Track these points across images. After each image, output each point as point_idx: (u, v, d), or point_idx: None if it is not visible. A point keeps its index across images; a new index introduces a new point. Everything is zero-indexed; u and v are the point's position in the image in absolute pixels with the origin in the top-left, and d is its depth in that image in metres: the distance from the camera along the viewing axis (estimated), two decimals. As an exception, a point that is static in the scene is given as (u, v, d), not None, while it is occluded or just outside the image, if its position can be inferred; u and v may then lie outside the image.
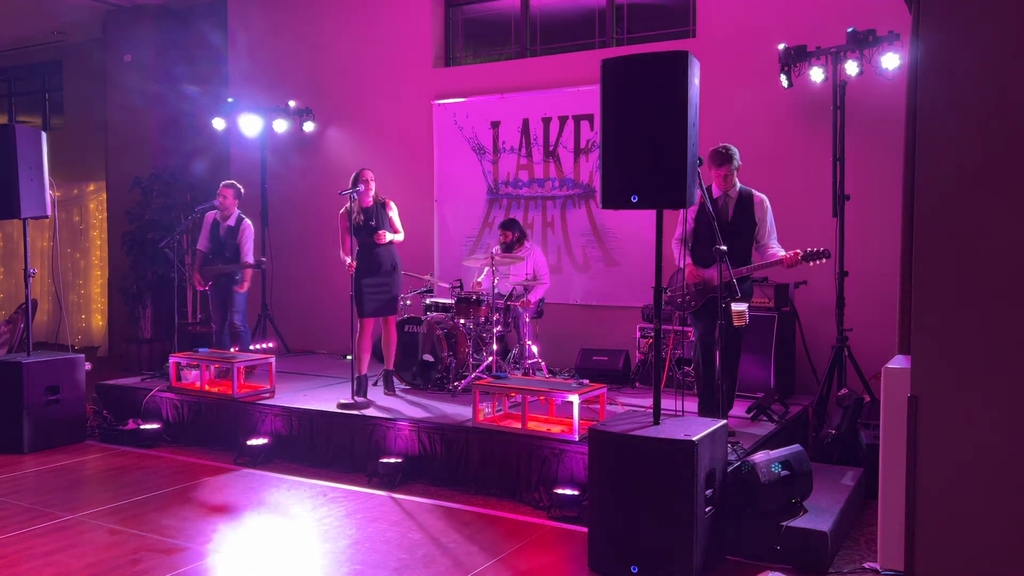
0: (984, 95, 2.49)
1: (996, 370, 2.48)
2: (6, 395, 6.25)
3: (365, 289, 6.23)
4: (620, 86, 3.96)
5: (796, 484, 4.25)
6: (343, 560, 4.16)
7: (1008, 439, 2.47)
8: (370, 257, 6.26)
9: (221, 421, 6.35)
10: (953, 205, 2.53)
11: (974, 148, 2.51)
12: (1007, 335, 2.46)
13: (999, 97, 2.47)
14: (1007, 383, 2.46)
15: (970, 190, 2.51)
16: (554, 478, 4.94)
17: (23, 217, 6.36)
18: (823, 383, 6.09)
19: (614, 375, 6.83)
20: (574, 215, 7.81)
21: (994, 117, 2.48)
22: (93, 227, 11.69)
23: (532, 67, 8.05)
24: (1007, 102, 2.46)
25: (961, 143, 2.52)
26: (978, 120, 2.50)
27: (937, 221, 2.55)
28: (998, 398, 2.48)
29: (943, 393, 2.55)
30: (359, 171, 6.25)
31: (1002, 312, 2.47)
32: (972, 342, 2.51)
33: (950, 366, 2.54)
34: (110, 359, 10.63)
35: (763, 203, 5.22)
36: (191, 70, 10.24)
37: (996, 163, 2.47)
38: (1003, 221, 2.46)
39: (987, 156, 2.49)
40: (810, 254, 5.11)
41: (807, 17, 6.68)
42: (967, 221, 2.51)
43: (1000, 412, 2.48)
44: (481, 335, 6.72)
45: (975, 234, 2.50)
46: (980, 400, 2.50)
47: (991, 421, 2.49)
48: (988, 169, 2.49)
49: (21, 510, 4.93)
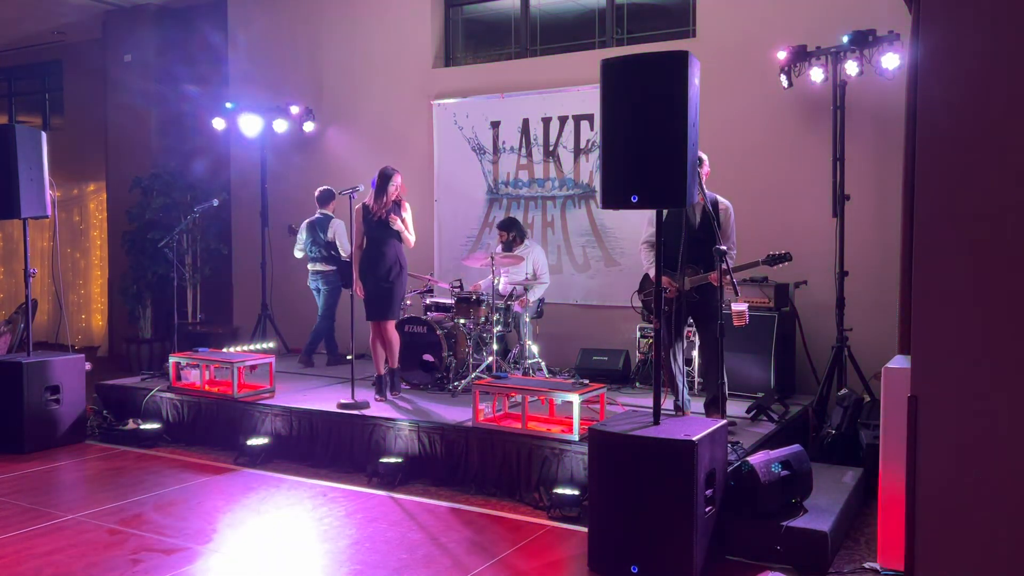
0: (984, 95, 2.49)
1: (996, 370, 2.48)
2: (6, 395, 6.25)
3: (367, 289, 6.22)
4: (620, 86, 3.95)
5: (796, 484, 4.25)
6: (343, 560, 4.16)
7: (1008, 439, 2.47)
8: (375, 255, 6.19)
9: (221, 421, 6.35)
10: (953, 204, 2.53)
11: (974, 148, 2.51)
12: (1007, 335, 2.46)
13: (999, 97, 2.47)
14: (1007, 383, 2.46)
15: (970, 189, 2.51)
16: (554, 478, 4.94)
17: (23, 217, 6.36)
18: (823, 383, 6.09)
19: (614, 375, 6.83)
20: (574, 215, 7.81)
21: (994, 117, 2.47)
22: (93, 227, 11.69)
23: (532, 67, 8.05)
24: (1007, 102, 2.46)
25: (961, 143, 2.52)
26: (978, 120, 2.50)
27: (937, 221, 2.55)
28: (998, 398, 2.48)
29: (943, 393, 2.55)
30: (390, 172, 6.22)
31: (1002, 312, 2.47)
32: (972, 342, 2.51)
33: (950, 366, 2.54)
34: (110, 359, 10.63)
35: (728, 210, 5.31)
36: (191, 70, 10.24)
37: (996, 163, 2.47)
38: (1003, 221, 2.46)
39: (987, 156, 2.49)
40: (772, 257, 5.14)
41: (807, 17, 6.67)
42: (967, 221, 2.51)
43: (1000, 412, 2.48)
44: (481, 335, 6.72)
45: (975, 234, 2.50)
46: (980, 400, 2.50)
47: (991, 421, 2.49)
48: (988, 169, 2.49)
49: (21, 510, 4.93)
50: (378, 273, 6.17)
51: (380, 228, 6.16)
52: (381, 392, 6.26)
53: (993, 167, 2.48)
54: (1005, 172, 2.46)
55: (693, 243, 5.13)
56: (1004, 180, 2.46)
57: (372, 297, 6.21)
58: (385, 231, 6.17)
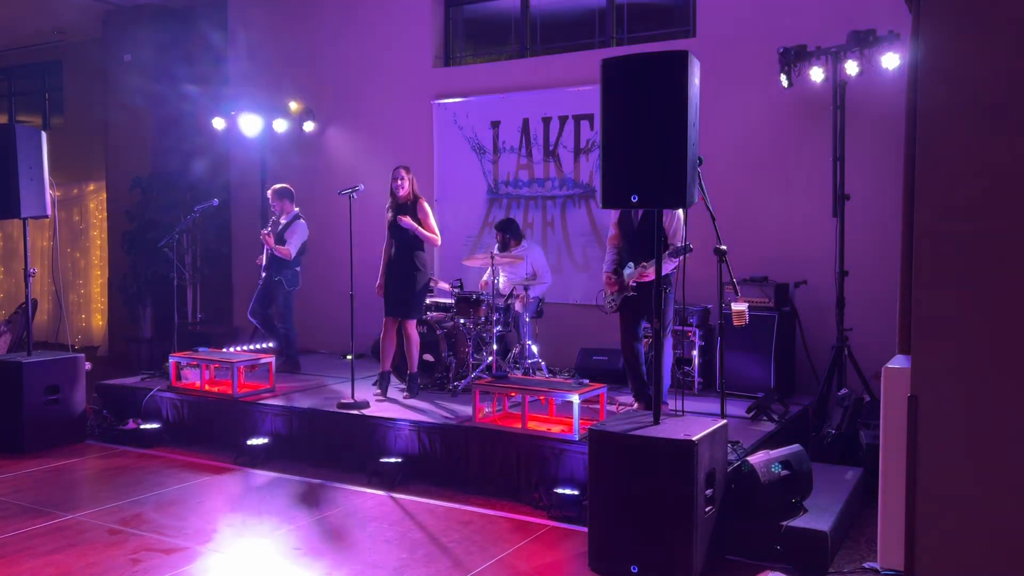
0: (984, 95, 2.49)
1: (996, 370, 2.48)
2: (6, 395, 6.25)
3: (387, 287, 6.30)
4: (620, 86, 3.96)
5: (796, 484, 4.25)
6: (343, 560, 4.16)
7: (1008, 439, 2.47)
8: (392, 255, 6.31)
9: (221, 421, 6.34)
10: (953, 204, 2.53)
11: (974, 148, 2.51)
12: (1007, 335, 2.46)
13: (999, 97, 2.47)
14: (1007, 383, 2.46)
15: (970, 189, 2.51)
16: (554, 478, 4.94)
17: (23, 217, 6.37)
18: (823, 383, 6.09)
19: (614, 375, 6.83)
20: (574, 215, 7.81)
21: (994, 117, 2.47)
22: (93, 227, 11.69)
23: (532, 67, 8.05)
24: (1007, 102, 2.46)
25: (961, 143, 2.52)
26: (978, 120, 2.50)
27: (937, 221, 2.55)
28: (998, 398, 2.48)
29: (943, 393, 2.55)
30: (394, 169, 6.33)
31: (1002, 312, 2.47)
32: (972, 342, 2.51)
33: (950, 366, 2.54)
34: (110, 359, 10.62)
35: (673, 213, 5.35)
36: (191, 70, 10.24)
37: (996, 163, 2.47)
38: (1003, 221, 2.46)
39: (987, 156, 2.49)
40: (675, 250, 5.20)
41: (807, 17, 6.67)
42: (967, 221, 2.51)
43: (1000, 411, 2.48)
44: (481, 335, 6.72)
45: (975, 234, 2.50)
46: (980, 400, 2.50)
47: (991, 421, 2.49)
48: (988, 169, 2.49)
49: (21, 510, 4.93)
50: (392, 272, 6.29)
51: (391, 228, 6.29)
52: (383, 388, 6.27)
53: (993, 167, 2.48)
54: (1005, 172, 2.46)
55: (635, 240, 5.42)
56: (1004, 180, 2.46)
57: (390, 295, 6.30)
58: (395, 230, 6.24)
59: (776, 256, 6.71)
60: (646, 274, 5.28)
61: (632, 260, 5.46)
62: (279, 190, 7.64)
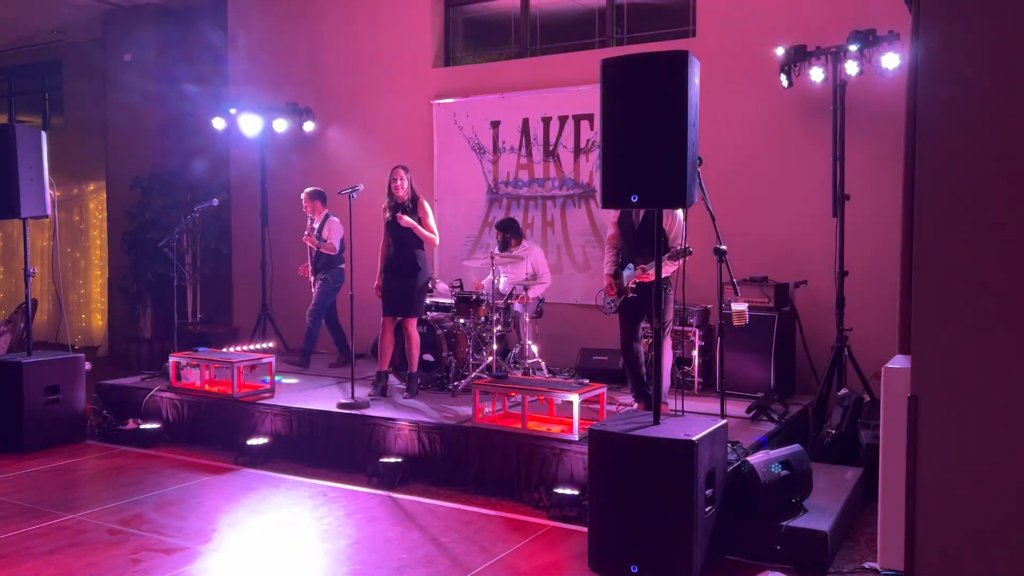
0: (984, 95, 2.49)
1: (995, 370, 2.48)
2: (6, 395, 6.25)
3: (386, 286, 6.29)
4: (620, 86, 3.95)
5: (796, 484, 4.25)
6: (343, 560, 4.16)
7: (1008, 439, 2.47)
8: (393, 254, 6.31)
9: (221, 421, 6.34)
10: (953, 205, 2.53)
11: (973, 148, 2.51)
12: (1007, 335, 2.46)
13: (999, 97, 2.47)
14: (1006, 383, 2.46)
15: (970, 190, 2.51)
16: (554, 478, 4.94)
17: (23, 217, 6.37)
18: (823, 383, 6.09)
19: (614, 375, 6.83)
20: (574, 215, 7.81)
21: (993, 117, 2.47)
22: (93, 227, 11.69)
23: (532, 67, 8.05)
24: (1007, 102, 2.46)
25: (960, 143, 2.52)
26: (977, 120, 2.50)
27: (936, 221, 2.55)
28: (997, 397, 2.48)
29: (943, 393, 2.55)
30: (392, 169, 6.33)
31: (1002, 312, 2.47)
32: (972, 342, 2.51)
33: (950, 366, 2.54)
34: (110, 359, 10.62)
35: (673, 214, 5.33)
36: (191, 70, 10.24)
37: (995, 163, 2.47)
38: (1003, 221, 2.46)
39: (987, 156, 2.49)
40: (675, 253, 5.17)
41: (807, 17, 6.67)
42: (967, 221, 2.51)
43: (999, 411, 2.48)
44: (481, 335, 6.72)
45: (975, 233, 2.50)
46: (980, 400, 2.50)
47: (991, 421, 2.49)
48: (988, 169, 2.49)
49: (21, 510, 4.93)
50: (391, 269, 6.29)
51: (389, 227, 6.29)
52: (380, 388, 6.26)
53: (992, 167, 2.48)
54: (1004, 172, 2.46)
55: (635, 241, 5.40)
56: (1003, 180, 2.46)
57: (389, 295, 6.28)
58: (395, 229, 6.24)
59: (776, 256, 6.71)
60: (645, 276, 5.27)
61: (631, 260, 5.46)
62: (312, 192, 7.70)
